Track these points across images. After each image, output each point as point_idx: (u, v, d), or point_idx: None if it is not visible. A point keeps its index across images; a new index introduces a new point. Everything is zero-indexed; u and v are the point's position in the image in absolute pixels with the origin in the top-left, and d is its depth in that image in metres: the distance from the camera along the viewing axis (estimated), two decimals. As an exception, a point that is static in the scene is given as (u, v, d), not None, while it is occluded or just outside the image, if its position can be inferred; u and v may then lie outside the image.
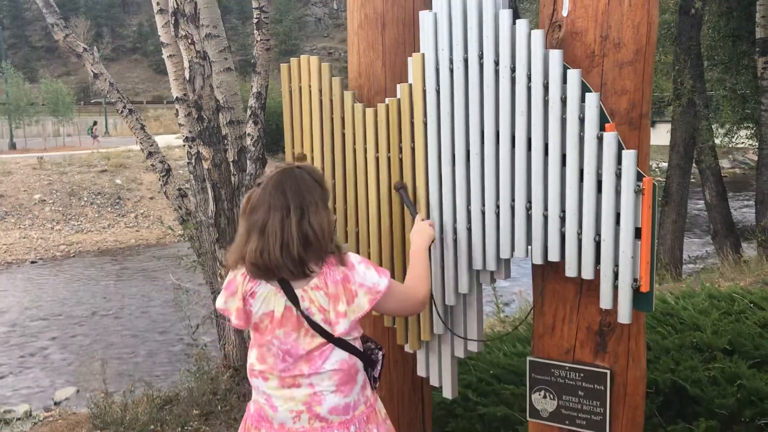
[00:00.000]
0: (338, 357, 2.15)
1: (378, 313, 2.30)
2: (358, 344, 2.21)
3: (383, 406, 2.41)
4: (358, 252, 2.78)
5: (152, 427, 4.55)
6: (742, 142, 14.61)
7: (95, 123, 36.64)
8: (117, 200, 22.42)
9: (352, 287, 2.11)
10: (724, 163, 26.70)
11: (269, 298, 2.13)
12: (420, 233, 2.43)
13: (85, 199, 22.14)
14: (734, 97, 13.56)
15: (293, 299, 2.10)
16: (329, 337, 2.12)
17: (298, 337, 2.13)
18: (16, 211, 20.97)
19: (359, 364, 2.21)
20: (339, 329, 2.10)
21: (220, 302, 2.23)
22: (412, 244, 2.42)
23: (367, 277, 2.12)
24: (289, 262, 2.05)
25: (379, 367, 2.31)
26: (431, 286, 2.37)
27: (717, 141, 13.32)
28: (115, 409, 4.80)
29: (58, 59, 62.20)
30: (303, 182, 2.12)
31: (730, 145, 14.86)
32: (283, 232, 2.04)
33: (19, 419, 6.91)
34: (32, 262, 18.47)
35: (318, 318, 2.10)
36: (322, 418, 2.17)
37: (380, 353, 2.32)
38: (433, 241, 2.45)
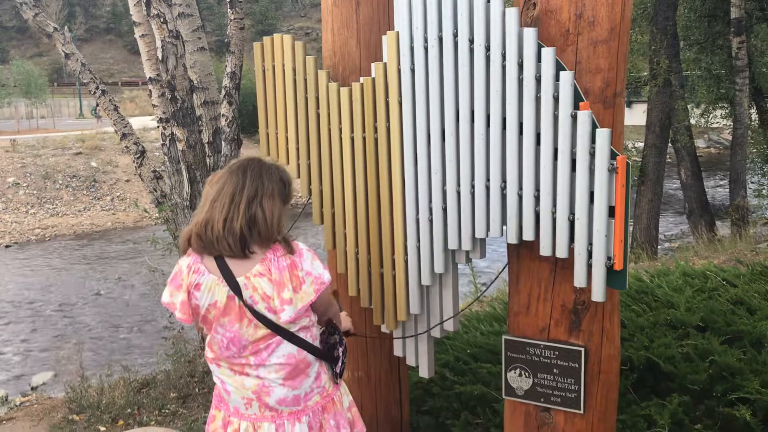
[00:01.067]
0: (285, 351, 2.14)
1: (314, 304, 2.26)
2: (309, 335, 2.19)
3: (348, 394, 2.40)
4: (333, 233, 2.77)
5: (129, 410, 4.53)
6: (717, 122, 14.75)
7: (97, 105, 35.99)
8: (92, 183, 22.16)
9: (299, 273, 2.10)
10: (700, 143, 26.99)
11: (213, 288, 2.10)
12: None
13: (60, 182, 21.85)
14: (709, 77, 13.68)
15: (235, 289, 2.07)
16: (274, 328, 2.11)
17: (242, 326, 2.11)
18: (-11, 194, 20.67)
19: (310, 357, 2.19)
20: (284, 316, 2.08)
21: (165, 297, 2.17)
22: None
23: (314, 267, 2.13)
24: (229, 238, 2.04)
25: (339, 364, 2.30)
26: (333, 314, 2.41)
27: (692, 121, 13.43)
28: (92, 393, 4.77)
29: (30, 39, 61.01)
30: (267, 170, 2.14)
31: (706, 125, 15.00)
32: (230, 206, 2.06)
33: (-6, 404, 6.84)
34: (7, 246, 18.24)
35: (261, 306, 2.08)
36: (271, 408, 2.18)
37: (341, 349, 2.30)
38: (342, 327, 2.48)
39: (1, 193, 20.85)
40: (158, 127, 4.98)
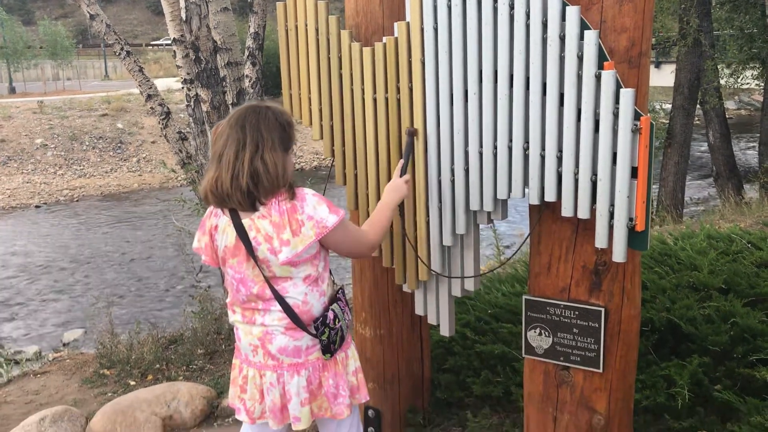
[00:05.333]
0: (290, 299, 2.21)
1: (328, 248, 2.30)
2: (316, 289, 2.22)
3: (356, 360, 2.41)
4: (356, 195, 2.79)
5: (157, 366, 4.65)
6: (748, 83, 14.41)
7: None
8: (119, 144, 22.35)
9: (299, 217, 2.14)
10: (730, 105, 26.45)
11: (226, 230, 2.21)
12: (394, 190, 2.45)
13: (87, 143, 22.07)
14: (741, 36, 13.32)
15: (241, 232, 2.15)
16: (267, 282, 2.18)
17: (248, 267, 2.20)
18: (18, 155, 20.93)
19: (314, 310, 2.23)
20: (281, 257, 2.15)
21: (195, 243, 2.34)
22: (383, 197, 2.44)
23: (317, 211, 2.16)
24: (237, 194, 2.11)
25: (326, 342, 2.25)
26: (382, 237, 2.40)
27: (722, 82, 13.14)
28: (121, 348, 4.90)
29: (55, 1, 61.12)
30: (264, 120, 2.15)
31: (736, 86, 14.67)
32: (235, 163, 2.10)
33: (29, 360, 7.06)
34: (36, 207, 18.54)
35: (264, 248, 2.15)
36: (272, 356, 2.24)
37: (327, 330, 2.26)
38: (402, 200, 2.49)
39: (29, 154, 21.13)
40: (182, 88, 5.01)
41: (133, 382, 4.53)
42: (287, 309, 2.20)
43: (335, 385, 2.31)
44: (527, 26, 2.17)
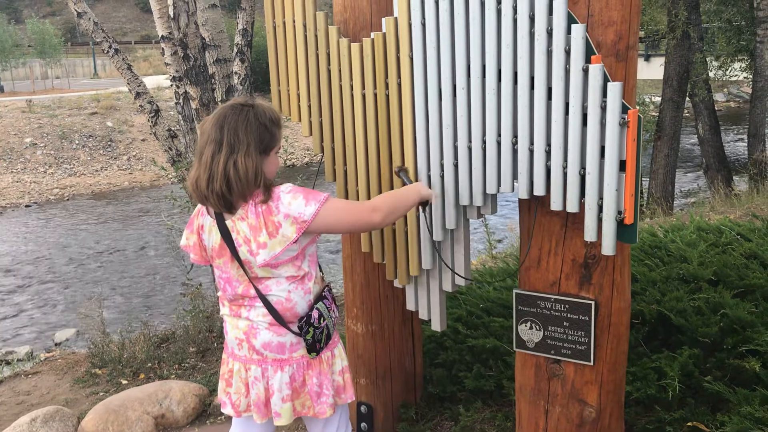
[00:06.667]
0: (274, 296, 2.21)
1: (327, 232, 2.21)
2: (301, 287, 2.21)
3: (343, 359, 2.38)
4: (346, 191, 2.79)
5: (149, 364, 4.64)
6: (736, 75, 14.47)
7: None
8: (109, 143, 22.25)
9: (275, 218, 2.12)
10: (719, 97, 26.55)
11: (212, 230, 2.21)
12: (423, 187, 2.42)
13: (77, 142, 21.95)
14: (729, 28, 13.37)
15: (225, 233, 2.16)
16: (251, 280, 2.19)
17: (233, 267, 2.21)
18: (7, 155, 20.80)
19: (297, 307, 2.22)
20: (259, 259, 2.14)
21: (182, 240, 2.35)
22: (415, 186, 2.40)
23: (292, 207, 2.12)
24: (213, 196, 2.10)
25: (311, 341, 2.24)
26: (392, 210, 2.26)
27: (711, 74, 13.19)
28: (113, 347, 4.89)
29: (42, -1, 60.64)
30: (243, 122, 2.11)
31: (724, 78, 14.72)
32: (211, 165, 2.09)
33: (20, 360, 7.03)
34: (27, 206, 18.44)
35: (244, 249, 2.15)
36: (257, 350, 2.24)
37: (312, 330, 2.24)
38: (426, 203, 2.44)
39: (19, 153, 21.00)
40: (171, 85, 5.00)
41: (125, 381, 4.51)
42: (269, 307, 2.20)
43: (319, 384, 2.29)
44: (514, 21, 2.18)
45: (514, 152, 2.28)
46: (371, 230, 2.63)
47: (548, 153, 2.20)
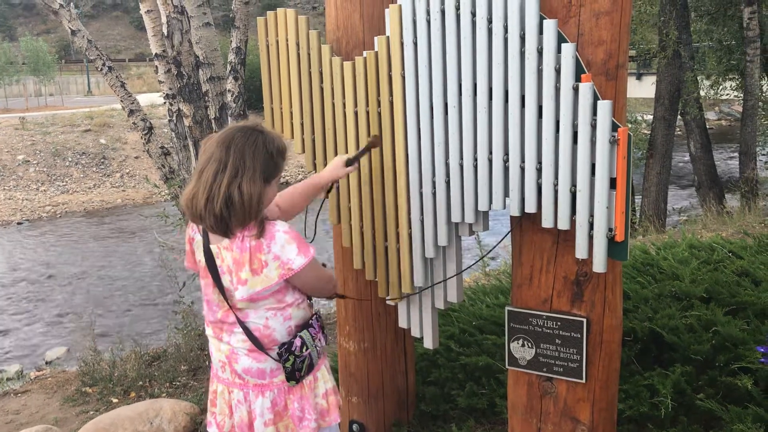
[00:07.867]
0: (252, 323, 2.19)
1: (297, 286, 2.22)
2: (280, 314, 2.18)
3: (326, 382, 2.35)
4: (338, 208, 2.79)
5: (140, 383, 4.60)
6: (727, 94, 14.60)
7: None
8: (102, 160, 22.23)
9: (263, 257, 2.07)
10: (710, 115, 26.75)
11: (200, 247, 2.20)
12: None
13: (70, 159, 21.92)
14: (720, 48, 13.51)
15: (209, 258, 2.14)
16: (233, 311, 2.17)
17: (214, 292, 2.19)
18: (-1, 172, 20.77)
19: (276, 334, 2.19)
20: (237, 295, 2.11)
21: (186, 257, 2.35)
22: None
23: (284, 251, 2.07)
24: (210, 217, 2.03)
25: (291, 369, 2.20)
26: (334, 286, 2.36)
27: (702, 93, 13.30)
28: (104, 366, 4.85)
29: (37, 16, 60.82)
30: (252, 146, 2.06)
31: (716, 97, 14.85)
32: (212, 185, 2.02)
33: (9, 379, 6.96)
34: (19, 223, 18.37)
35: (227, 279, 2.12)
36: (239, 374, 2.22)
37: (293, 357, 2.20)
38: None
39: (11, 170, 20.95)
40: (165, 103, 5.00)
41: (115, 400, 4.48)
42: (248, 333, 2.17)
43: (300, 408, 2.26)
44: (505, 40, 2.20)
45: (506, 170, 2.29)
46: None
47: (539, 170, 2.21)
